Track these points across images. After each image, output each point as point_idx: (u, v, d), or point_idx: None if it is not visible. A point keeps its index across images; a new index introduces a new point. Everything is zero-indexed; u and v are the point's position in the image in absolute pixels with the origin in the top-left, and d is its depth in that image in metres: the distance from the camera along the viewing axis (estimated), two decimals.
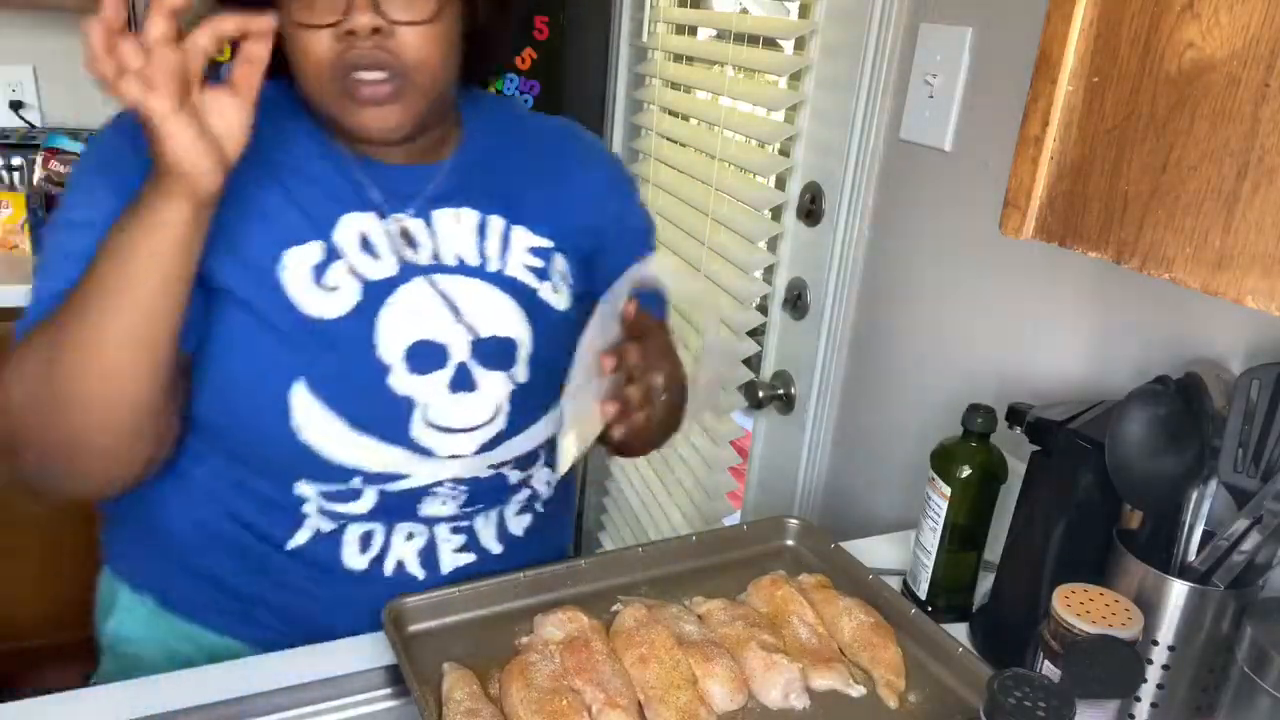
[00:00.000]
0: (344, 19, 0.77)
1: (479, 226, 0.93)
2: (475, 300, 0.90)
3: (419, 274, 0.88)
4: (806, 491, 1.54)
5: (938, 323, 1.25)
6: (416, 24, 0.79)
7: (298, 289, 0.84)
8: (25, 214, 2.00)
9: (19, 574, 2.06)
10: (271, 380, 0.83)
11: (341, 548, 0.91)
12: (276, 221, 0.84)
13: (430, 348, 0.87)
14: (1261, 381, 0.73)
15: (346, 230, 0.86)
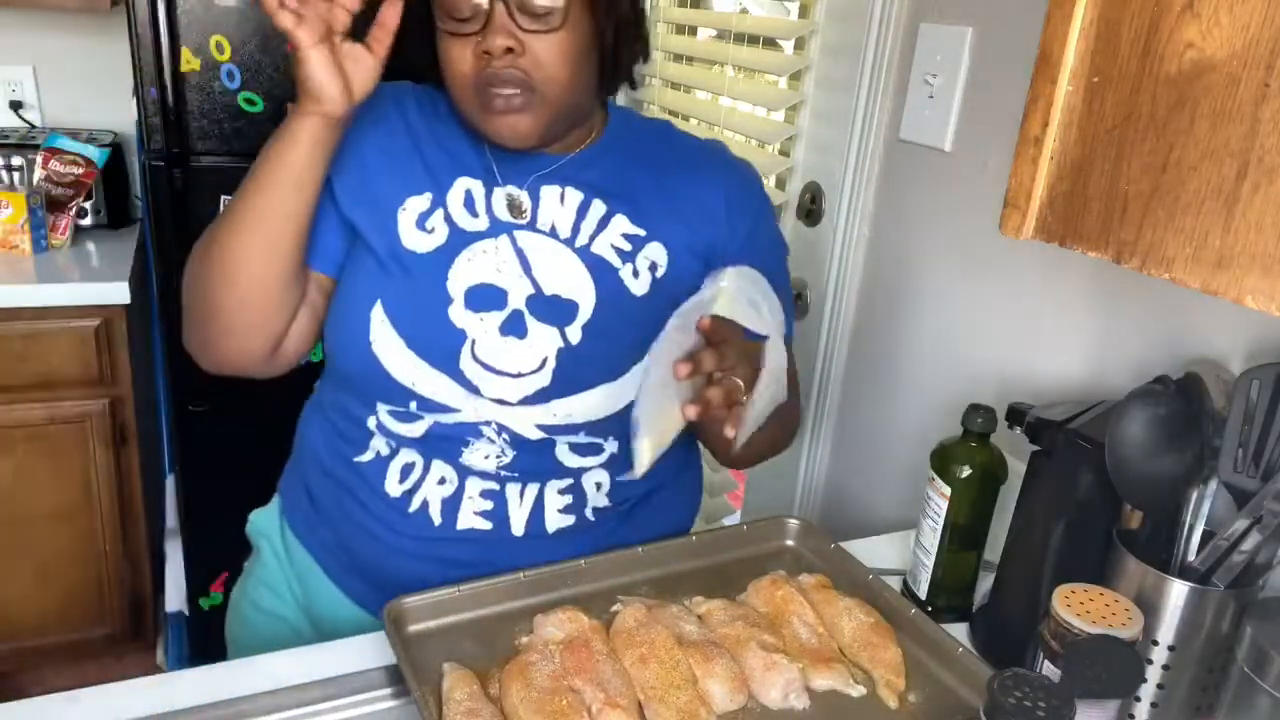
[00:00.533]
0: (482, 36, 0.88)
1: (580, 207, 0.99)
2: (549, 261, 0.97)
3: (505, 231, 0.97)
4: (806, 491, 1.54)
5: (938, 323, 1.25)
6: (546, 33, 0.89)
7: (405, 228, 0.96)
8: (25, 214, 2.00)
9: (19, 574, 2.06)
10: (362, 300, 0.95)
11: (387, 473, 1.00)
12: (408, 176, 0.97)
13: (491, 290, 0.96)
14: (1261, 381, 0.73)
15: (456, 189, 0.98)
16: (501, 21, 0.87)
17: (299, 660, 0.88)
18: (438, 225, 0.96)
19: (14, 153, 2.14)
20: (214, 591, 2.08)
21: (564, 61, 0.90)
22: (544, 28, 0.88)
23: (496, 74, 0.88)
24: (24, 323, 1.88)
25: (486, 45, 0.87)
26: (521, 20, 0.88)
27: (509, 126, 0.91)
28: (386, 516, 1.00)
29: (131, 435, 2.04)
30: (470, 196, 0.98)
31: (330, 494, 1.04)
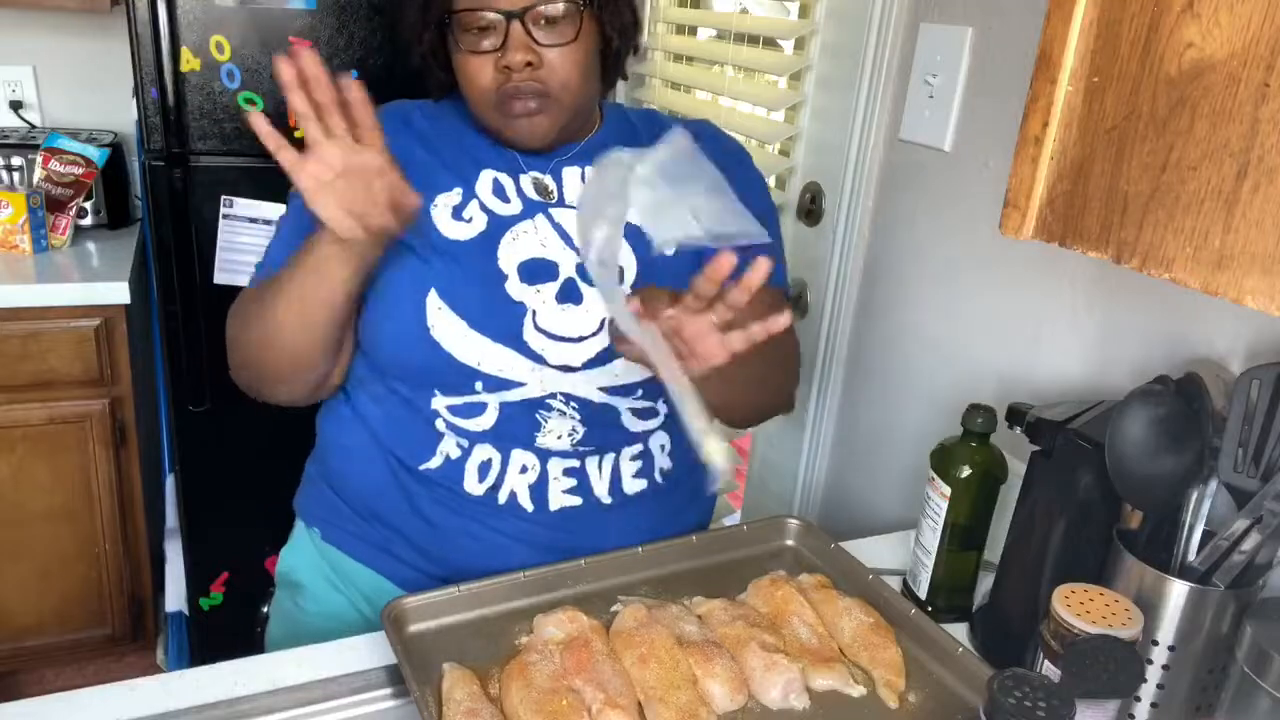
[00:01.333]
0: (502, 52, 0.94)
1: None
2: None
3: (539, 210, 1.02)
4: (806, 491, 1.54)
5: (938, 323, 1.25)
6: (562, 45, 0.95)
7: (441, 222, 1.00)
8: (25, 214, 2.00)
9: (19, 574, 2.06)
10: (412, 290, 0.98)
11: (464, 474, 1.01)
12: (432, 178, 1.01)
13: (541, 263, 1.00)
14: (1261, 381, 0.73)
15: (484, 180, 1.03)
16: (520, 38, 0.93)
17: (299, 660, 0.88)
18: (474, 214, 1.00)
19: (14, 153, 2.14)
20: (214, 591, 2.08)
21: (576, 68, 0.97)
22: (559, 40, 0.95)
23: (517, 87, 0.95)
24: (24, 323, 1.88)
25: (507, 61, 0.93)
26: (538, 35, 0.94)
27: (528, 130, 0.98)
28: (478, 514, 1.01)
29: (131, 435, 2.04)
30: (499, 184, 1.02)
31: (402, 509, 1.04)
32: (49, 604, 2.11)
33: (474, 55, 0.95)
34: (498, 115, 0.98)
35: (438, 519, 1.02)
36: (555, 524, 1.02)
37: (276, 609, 1.18)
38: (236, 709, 0.81)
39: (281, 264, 0.97)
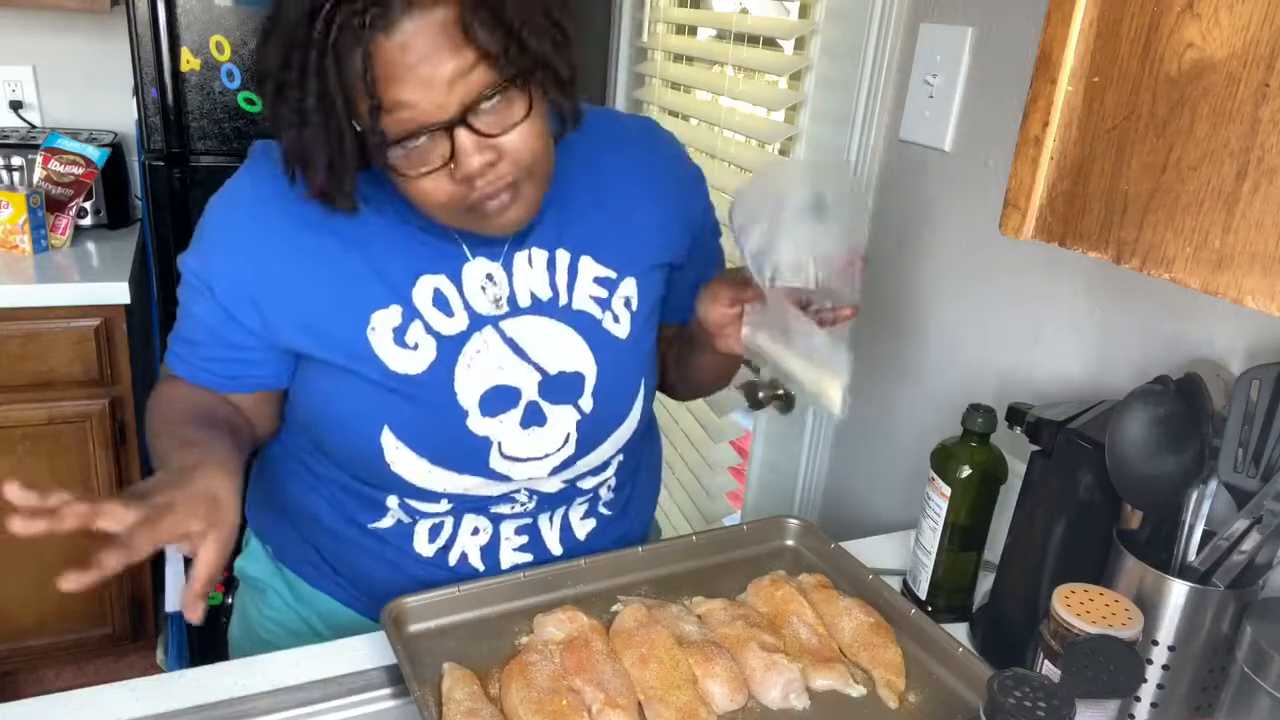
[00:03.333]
0: (453, 164, 0.79)
1: (549, 264, 0.95)
2: (542, 340, 0.94)
3: (487, 323, 0.93)
4: (806, 491, 1.54)
5: (938, 322, 1.25)
6: (516, 126, 0.80)
7: (383, 349, 0.90)
8: (25, 214, 2.00)
9: (19, 574, 2.06)
10: (364, 425, 0.92)
11: (414, 536, 0.99)
12: (362, 289, 0.89)
13: (502, 390, 0.93)
14: (1261, 381, 0.73)
15: (422, 290, 0.91)
16: (470, 142, 0.78)
17: (299, 660, 0.88)
18: (419, 339, 0.90)
19: (14, 153, 2.14)
20: (214, 591, 2.08)
21: (539, 139, 0.82)
22: (511, 123, 0.80)
23: (485, 191, 0.81)
24: (24, 323, 1.88)
25: (465, 172, 0.79)
26: (487, 129, 0.79)
27: (505, 226, 0.85)
28: (423, 573, 0.99)
29: (131, 435, 2.04)
30: (440, 295, 0.91)
31: (348, 555, 1.02)
32: (49, 604, 2.11)
33: (425, 177, 0.80)
34: (470, 220, 0.84)
35: (383, 574, 1.00)
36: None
37: (239, 607, 1.15)
38: (236, 709, 0.81)
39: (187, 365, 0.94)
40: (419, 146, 0.78)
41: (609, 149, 1.00)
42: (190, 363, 0.95)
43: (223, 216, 0.92)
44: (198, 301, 0.92)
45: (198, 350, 0.94)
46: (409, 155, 0.79)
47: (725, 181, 1.66)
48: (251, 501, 1.12)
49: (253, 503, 1.12)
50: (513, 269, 0.94)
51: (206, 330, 0.92)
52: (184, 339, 0.95)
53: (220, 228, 0.92)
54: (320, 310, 0.89)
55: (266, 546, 1.09)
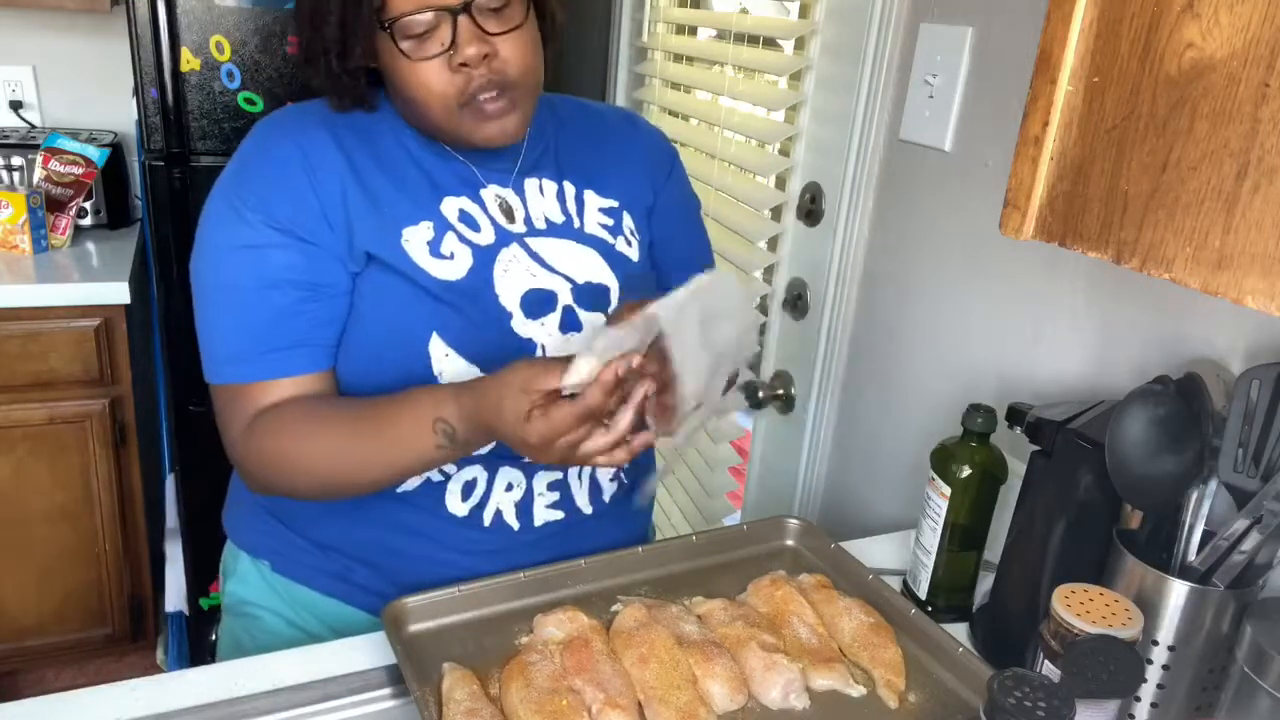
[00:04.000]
0: (453, 50, 0.87)
1: (558, 194, 1.03)
2: (565, 256, 1.00)
3: (513, 240, 0.98)
4: (806, 491, 1.54)
5: (938, 323, 1.25)
6: (511, 31, 0.89)
7: (421, 259, 0.94)
8: (25, 214, 2.00)
9: (19, 574, 2.06)
10: (414, 333, 0.94)
11: (446, 494, 0.98)
12: (392, 208, 0.94)
13: (541, 294, 0.97)
14: (1261, 381, 0.73)
15: (449, 208, 0.97)
16: (470, 31, 0.87)
17: (299, 660, 0.88)
18: (454, 248, 0.95)
19: (14, 153, 2.14)
20: (214, 591, 2.08)
21: (532, 51, 0.92)
22: (508, 26, 0.89)
23: (482, 84, 0.89)
24: (24, 323, 1.88)
25: (462, 58, 0.87)
26: (486, 25, 0.88)
27: (500, 130, 0.92)
28: (455, 538, 0.98)
29: (131, 435, 2.04)
30: (465, 214, 0.97)
31: (366, 539, 1.00)
32: (49, 604, 2.11)
33: (424, 62, 0.88)
34: (465, 120, 0.91)
35: (408, 547, 0.99)
36: (535, 542, 1.00)
37: (227, 638, 1.12)
38: (236, 709, 0.81)
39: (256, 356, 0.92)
40: (423, 31, 0.87)
41: (599, 108, 1.14)
42: (279, 350, 0.92)
43: (266, 155, 0.93)
44: (270, 258, 0.90)
45: (284, 326, 0.91)
46: (412, 40, 0.87)
47: (726, 182, 1.66)
48: (235, 521, 1.11)
49: (237, 521, 1.11)
50: (525, 194, 1.01)
51: (290, 286, 0.91)
52: (252, 330, 0.92)
53: (267, 164, 0.93)
54: (371, 217, 0.93)
55: (260, 563, 1.07)
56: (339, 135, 0.94)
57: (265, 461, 0.93)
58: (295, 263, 0.91)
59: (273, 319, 0.91)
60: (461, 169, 0.98)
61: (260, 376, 0.92)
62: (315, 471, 0.91)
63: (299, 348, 0.92)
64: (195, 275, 0.95)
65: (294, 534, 1.04)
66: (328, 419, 0.92)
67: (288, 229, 0.90)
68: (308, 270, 0.91)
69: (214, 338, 0.94)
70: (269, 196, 0.91)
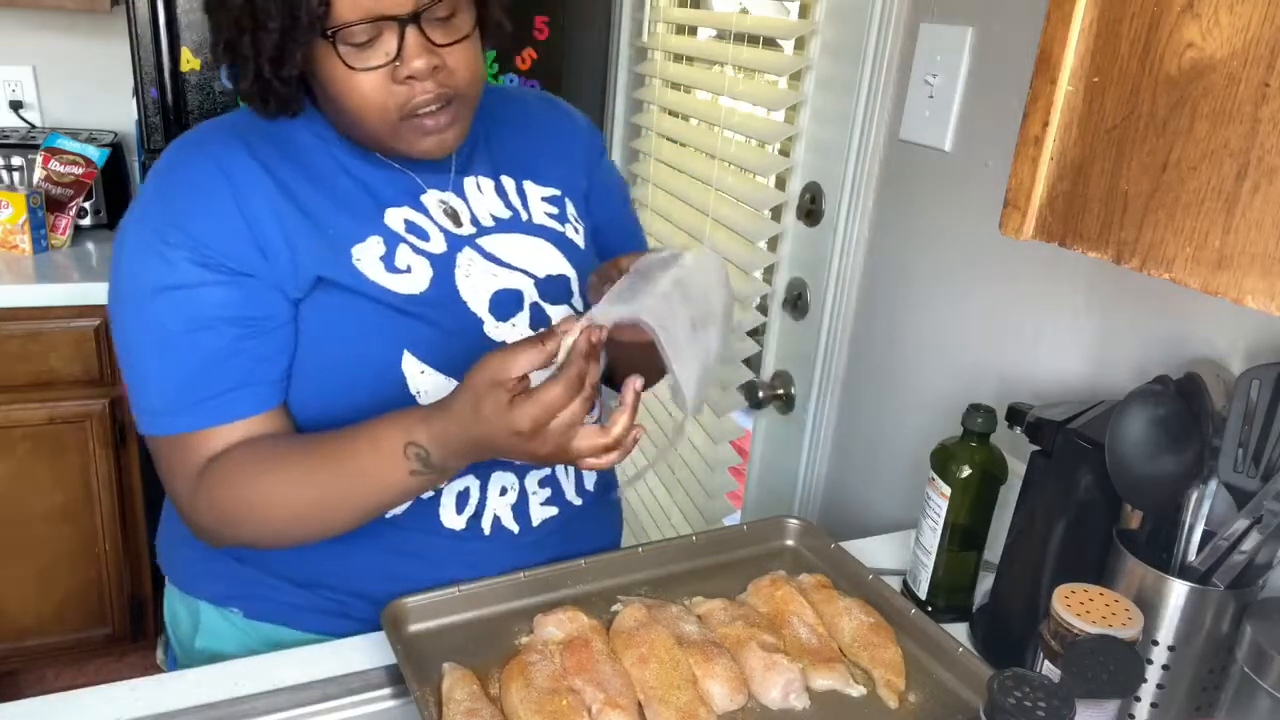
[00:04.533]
0: (399, 63, 0.83)
1: (496, 189, 1.01)
2: (519, 251, 0.98)
3: (464, 243, 0.95)
4: (806, 491, 1.54)
5: (938, 323, 1.25)
6: (461, 41, 0.85)
7: (377, 276, 0.90)
8: (25, 214, 2.01)
9: (19, 574, 2.06)
10: (383, 354, 0.90)
11: (440, 509, 0.95)
12: (335, 227, 0.90)
13: (507, 294, 0.95)
14: (1261, 381, 0.73)
15: (394, 219, 0.93)
16: (418, 43, 0.83)
17: (299, 660, 0.88)
18: (411, 260, 0.91)
19: (14, 153, 2.15)
20: None
21: (475, 63, 0.88)
22: (457, 37, 0.86)
23: (427, 99, 0.85)
24: (24, 323, 1.88)
25: (410, 71, 0.83)
26: (435, 36, 0.84)
27: (438, 143, 0.88)
28: (455, 553, 0.95)
29: (131, 435, 2.04)
30: (413, 225, 0.93)
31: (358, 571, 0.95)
32: (49, 604, 2.11)
33: (363, 74, 0.83)
34: (403, 133, 0.87)
35: (407, 571, 0.94)
36: (535, 542, 0.99)
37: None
38: (236, 709, 0.81)
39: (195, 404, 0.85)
40: (367, 40, 0.82)
41: (521, 95, 1.12)
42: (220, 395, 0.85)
43: (185, 182, 0.87)
44: (200, 297, 0.84)
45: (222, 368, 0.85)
46: (356, 49, 0.82)
47: (726, 182, 1.66)
48: (184, 568, 1.03)
49: (187, 569, 1.02)
50: (465, 195, 0.98)
51: (225, 324, 0.85)
52: (187, 376, 0.85)
53: (188, 192, 0.86)
54: (313, 239, 0.88)
55: (229, 612, 0.99)
56: (258, 151, 0.88)
57: (221, 513, 0.87)
58: (229, 299, 0.85)
59: (209, 362, 0.85)
60: (398, 177, 0.94)
61: (202, 425, 0.86)
62: (277, 517, 0.86)
63: (241, 389, 0.86)
64: (117, 321, 0.88)
65: (264, 574, 0.97)
66: (285, 457, 0.86)
67: (218, 263, 0.84)
68: (244, 305, 0.85)
69: (146, 387, 0.87)
70: (193, 228, 0.84)
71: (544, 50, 2.10)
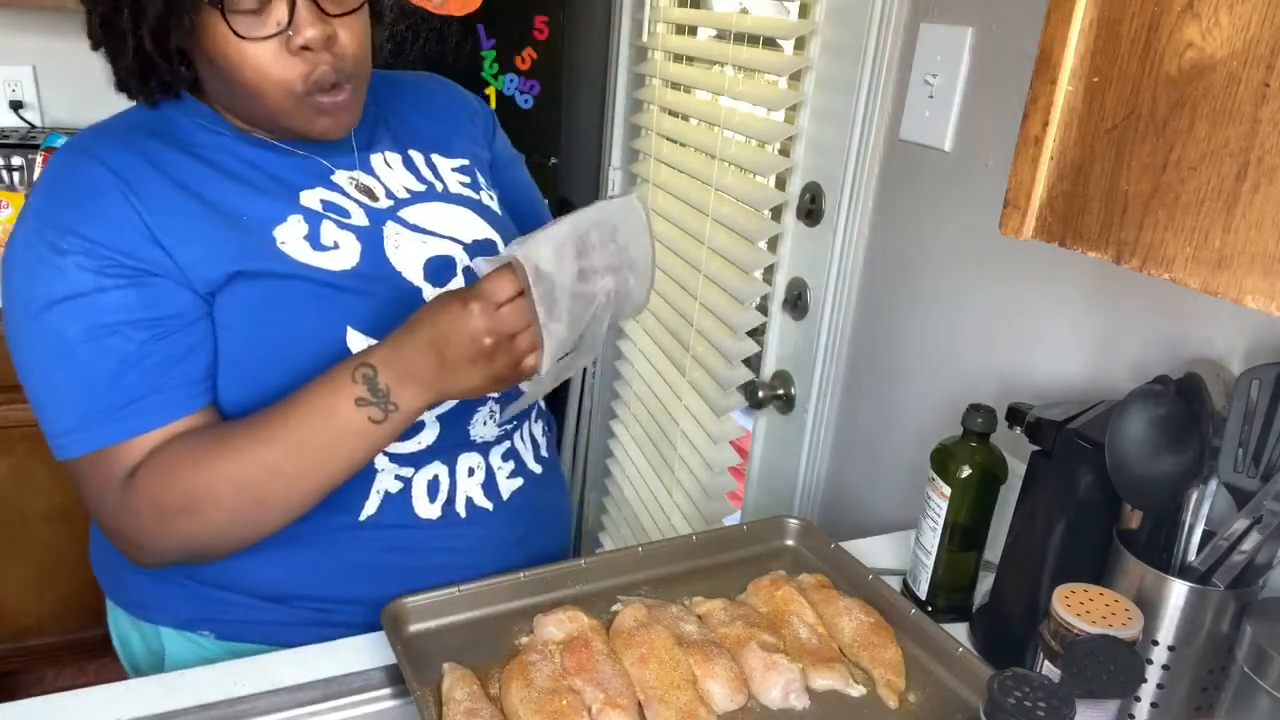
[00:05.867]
0: (291, 32, 0.80)
1: (404, 162, 1.00)
2: (443, 219, 0.98)
3: (386, 216, 0.94)
4: (806, 491, 1.54)
5: (938, 322, 1.25)
6: (350, 14, 0.83)
7: (304, 255, 0.87)
8: None
9: (19, 574, 2.06)
10: (326, 333, 0.87)
11: (412, 501, 0.94)
12: (250, 215, 0.87)
13: (440, 260, 0.94)
14: (1261, 381, 0.73)
15: (309, 201, 0.90)
16: (310, 12, 0.80)
17: (299, 660, 0.87)
18: (337, 236, 0.89)
19: (14, 153, 2.14)
20: None
21: (366, 38, 0.86)
22: (349, 8, 0.83)
23: (324, 75, 0.82)
24: None
25: (303, 40, 0.79)
26: (328, 6, 0.81)
27: (335, 124, 0.86)
28: (434, 540, 0.95)
29: None
30: (330, 204, 0.91)
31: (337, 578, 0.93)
32: (49, 604, 2.11)
33: (258, 43, 0.79)
34: (302, 111, 0.84)
35: (389, 564, 0.93)
36: (508, 518, 1.00)
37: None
38: (236, 709, 0.81)
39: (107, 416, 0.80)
40: (256, 8, 0.79)
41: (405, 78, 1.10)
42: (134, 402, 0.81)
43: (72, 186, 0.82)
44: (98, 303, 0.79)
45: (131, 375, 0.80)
46: (244, 17, 0.78)
47: (726, 182, 1.66)
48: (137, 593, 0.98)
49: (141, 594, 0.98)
50: (375, 171, 0.97)
51: (130, 328, 0.80)
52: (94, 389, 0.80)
53: (77, 194, 0.81)
54: (224, 231, 0.84)
55: (196, 636, 0.96)
56: (147, 150, 0.84)
57: (160, 510, 0.81)
58: (130, 300, 0.80)
59: (117, 368, 0.80)
60: (303, 162, 0.91)
61: (119, 437, 0.81)
62: (226, 498, 0.81)
63: (155, 394, 0.81)
64: (13, 344, 0.83)
65: (229, 592, 0.93)
66: (228, 432, 0.82)
67: (116, 264, 0.80)
68: (148, 306, 0.81)
69: (54, 406, 0.82)
70: (87, 231, 0.80)
71: (544, 50, 2.10)
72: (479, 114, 1.14)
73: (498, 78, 2.05)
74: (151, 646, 0.99)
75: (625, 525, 2.23)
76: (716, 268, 1.69)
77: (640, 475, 2.11)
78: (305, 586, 0.94)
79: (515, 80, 2.11)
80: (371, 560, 0.94)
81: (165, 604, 0.96)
